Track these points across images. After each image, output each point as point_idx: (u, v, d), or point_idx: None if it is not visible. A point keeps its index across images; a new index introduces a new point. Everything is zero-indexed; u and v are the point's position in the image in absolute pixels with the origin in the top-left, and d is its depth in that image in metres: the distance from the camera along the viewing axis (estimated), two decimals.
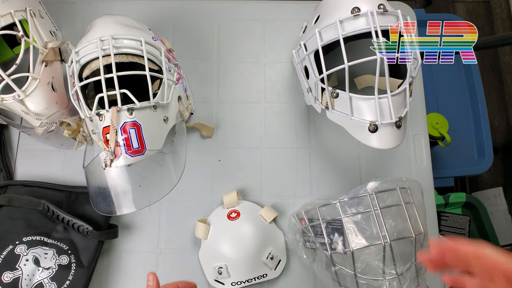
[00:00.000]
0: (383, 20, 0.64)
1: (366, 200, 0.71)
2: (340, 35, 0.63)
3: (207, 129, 0.82)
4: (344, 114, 0.68)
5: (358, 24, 0.64)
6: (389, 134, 0.65)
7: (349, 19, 0.64)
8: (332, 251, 0.73)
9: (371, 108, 0.65)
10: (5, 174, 0.79)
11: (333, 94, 0.68)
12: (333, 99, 0.69)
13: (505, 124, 1.77)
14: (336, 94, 0.68)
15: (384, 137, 0.65)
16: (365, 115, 0.66)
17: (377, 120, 0.64)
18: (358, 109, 0.66)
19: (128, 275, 0.77)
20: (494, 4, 1.91)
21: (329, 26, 0.65)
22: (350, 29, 0.64)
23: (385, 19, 0.65)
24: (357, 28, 0.63)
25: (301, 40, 0.72)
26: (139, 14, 0.82)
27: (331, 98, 0.69)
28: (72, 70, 0.64)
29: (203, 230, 0.75)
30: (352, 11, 0.64)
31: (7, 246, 0.70)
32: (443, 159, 1.36)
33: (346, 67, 0.63)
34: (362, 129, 0.66)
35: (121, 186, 0.66)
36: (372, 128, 0.65)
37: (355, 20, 0.64)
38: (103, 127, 0.63)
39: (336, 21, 0.64)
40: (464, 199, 1.40)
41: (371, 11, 0.63)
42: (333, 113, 0.70)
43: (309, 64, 0.71)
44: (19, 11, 0.70)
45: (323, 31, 0.66)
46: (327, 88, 0.68)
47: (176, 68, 0.74)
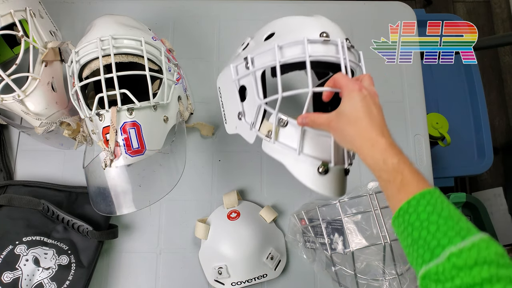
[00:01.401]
0: (349, 55, 0.57)
1: (366, 200, 0.71)
2: (307, 56, 0.54)
3: (207, 129, 0.82)
4: (290, 148, 0.56)
5: (327, 50, 0.55)
6: (339, 180, 0.56)
7: (317, 41, 0.55)
8: (332, 251, 0.73)
9: (325, 147, 0.55)
10: (5, 174, 0.79)
11: (281, 122, 0.57)
12: (280, 128, 0.57)
13: (505, 124, 1.77)
14: (286, 123, 0.56)
15: (334, 183, 0.56)
16: (317, 153, 0.55)
17: (330, 160, 0.55)
18: (309, 145, 0.56)
19: (128, 275, 0.77)
20: (494, 4, 1.91)
21: (294, 43, 0.55)
22: (319, 53, 0.55)
23: (350, 54, 0.58)
24: (327, 55, 0.55)
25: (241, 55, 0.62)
26: (139, 14, 0.82)
27: (277, 126, 0.57)
28: (72, 70, 0.64)
29: (203, 230, 0.75)
30: (321, 35, 0.55)
31: (7, 246, 0.70)
32: (443, 159, 1.35)
33: (310, 92, 0.53)
34: (308, 169, 0.56)
35: (121, 186, 0.66)
36: (323, 170, 0.55)
37: (324, 45, 0.56)
38: (103, 127, 0.62)
39: (304, 39, 0.54)
40: (464, 199, 1.39)
41: (341, 41, 0.55)
42: (273, 145, 0.58)
43: (252, 82, 0.58)
44: (19, 11, 0.70)
45: (285, 48, 0.56)
46: (276, 114, 0.56)
47: (176, 68, 0.74)
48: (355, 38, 0.92)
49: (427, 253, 0.44)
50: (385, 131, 0.49)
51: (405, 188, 0.46)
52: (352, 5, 0.95)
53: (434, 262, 0.43)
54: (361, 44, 0.91)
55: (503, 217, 1.54)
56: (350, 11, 0.94)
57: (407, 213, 0.46)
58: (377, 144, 0.48)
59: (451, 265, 0.41)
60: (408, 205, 0.46)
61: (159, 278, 0.77)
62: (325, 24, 0.58)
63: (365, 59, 0.89)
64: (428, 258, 0.44)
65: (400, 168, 0.46)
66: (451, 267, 0.41)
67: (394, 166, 0.47)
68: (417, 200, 0.45)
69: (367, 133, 0.49)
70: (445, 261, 0.42)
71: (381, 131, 0.48)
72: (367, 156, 0.49)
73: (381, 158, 0.47)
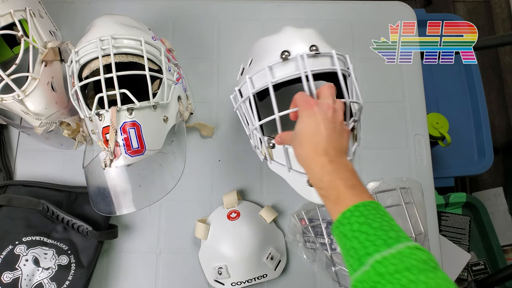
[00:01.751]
0: (315, 63, 0.59)
1: None
2: (270, 84, 0.58)
3: (207, 129, 0.82)
4: (282, 166, 0.62)
5: (287, 70, 0.59)
6: None
7: (278, 64, 0.59)
8: (332, 251, 0.73)
9: None
10: (5, 174, 0.79)
11: (269, 144, 0.63)
12: (270, 149, 0.64)
13: (505, 124, 1.77)
14: (273, 145, 0.62)
15: None
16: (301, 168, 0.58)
17: None
18: (295, 161, 0.59)
19: (128, 275, 0.77)
20: (494, 4, 1.91)
21: (259, 72, 0.60)
22: (280, 76, 0.59)
23: (317, 62, 0.59)
24: (287, 74, 0.58)
25: (237, 85, 0.67)
26: (139, 14, 0.82)
27: (268, 148, 0.64)
28: (71, 70, 0.64)
29: (203, 230, 0.75)
30: (282, 55, 0.59)
31: (7, 246, 0.70)
32: (443, 159, 1.36)
33: (277, 117, 0.57)
34: (301, 181, 0.61)
35: (121, 186, 0.66)
36: (310, 183, 0.59)
37: (284, 65, 0.59)
38: (103, 127, 0.62)
39: (265, 67, 0.59)
40: (464, 199, 1.40)
41: (301, 55, 0.58)
42: (272, 164, 0.65)
43: (245, 111, 0.65)
44: (19, 11, 0.70)
45: (254, 78, 0.61)
46: (263, 139, 0.63)
47: (176, 68, 0.74)
48: (355, 38, 0.92)
49: (356, 262, 0.45)
50: (329, 148, 0.51)
51: (341, 202, 0.48)
52: (352, 5, 0.95)
53: (361, 270, 0.44)
54: (361, 44, 0.91)
55: (503, 217, 1.54)
56: (350, 11, 0.94)
57: (342, 224, 0.47)
58: (316, 163, 0.51)
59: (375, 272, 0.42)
60: (343, 217, 0.47)
61: (159, 278, 0.77)
62: (289, 40, 0.61)
63: (365, 59, 0.90)
64: (357, 267, 0.45)
65: (335, 184, 0.49)
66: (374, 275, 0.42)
67: (329, 183, 0.50)
68: (351, 212, 0.47)
69: (310, 153, 0.52)
70: (370, 268, 0.43)
71: (322, 150, 0.51)
72: (309, 175, 0.53)
73: (318, 176, 0.51)
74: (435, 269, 0.41)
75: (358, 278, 0.44)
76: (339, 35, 0.92)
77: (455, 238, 1.36)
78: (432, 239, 0.77)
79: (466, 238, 1.36)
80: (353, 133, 0.62)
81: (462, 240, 1.36)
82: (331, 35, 0.91)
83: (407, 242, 0.43)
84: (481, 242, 1.41)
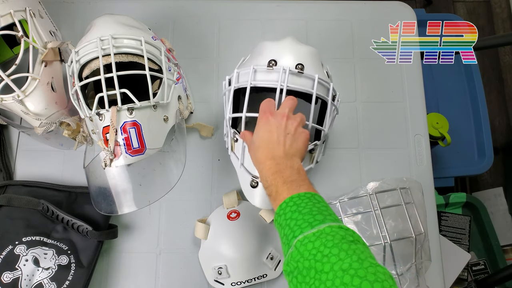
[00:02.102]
0: (295, 81, 0.62)
1: (366, 200, 0.71)
2: (248, 85, 0.63)
3: (206, 129, 0.82)
4: (237, 159, 0.67)
5: (269, 77, 0.63)
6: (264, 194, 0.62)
7: (263, 70, 0.63)
8: None
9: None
10: (5, 174, 0.79)
11: (234, 137, 0.68)
12: (234, 142, 0.68)
13: (505, 124, 1.77)
14: (236, 139, 0.67)
15: (260, 196, 0.65)
16: (251, 169, 0.65)
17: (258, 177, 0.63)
18: (248, 160, 0.64)
19: (128, 275, 0.77)
20: (494, 4, 1.91)
21: (246, 71, 0.65)
22: (260, 80, 0.64)
23: (297, 80, 0.63)
24: (267, 82, 0.63)
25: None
26: (139, 14, 0.82)
27: (232, 139, 0.68)
28: (72, 69, 0.64)
29: (203, 230, 0.75)
30: (269, 63, 0.63)
31: (7, 246, 0.70)
32: (443, 159, 1.36)
33: (243, 116, 0.63)
34: (246, 180, 0.66)
35: (122, 186, 0.66)
36: (254, 184, 0.65)
37: (268, 73, 0.63)
38: (103, 126, 0.62)
39: (251, 68, 0.63)
40: (464, 199, 1.40)
41: (284, 69, 0.61)
42: (231, 155, 0.69)
43: (226, 99, 0.69)
44: (19, 11, 0.70)
45: (241, 73, 0.66)
46: (230, 130, 0.68)
47: (176, 68, 0.74)
48: (355, 38, 0.92)
49: (286, 247, 0.47)
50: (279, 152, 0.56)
51: (279, 197, 0.52)
52: (352, 5, 0.95)
53: (288, 252, 0.46)
54: (361, 44, 0.91)
55: (503, 217, 1.54)
56: (350, 11, 0.94)
57: (279, 216, 0.51)
58: (264, 166, 0.56)
59: (297, 252, 0.44)
60: (279, 208, 0.52)
61: (159, 278, 0.77)
62: (281, 51, 0.64)
63: (365, 59, 0.90)
64: (286, 251, 0.47)
65: (275, 181, 0.54)
66: (296, 254, 0.44)
67: (270, 181, 0.54)
68: (286, 203, 0.51)
69: (262, 158, 0.57)
70: (294, 249, 0.45)
71: (272, 154, 0.56)
72: (260, 177, 0.57)
73: (265, 177, 0.55)
74: (352, 242, 0.43)
75: (285, 261, 0.46)
76: (339, 35, 0.92)
77: (455, 238, 1.36)
78: (432, 239, 0.77)
79: (466, 238, 1.36)
80: (311, 155, 0.67)
81: (462, 240, 1.36)
82: (331, 35, 0.92)
83: (331, 223, 0.46)
84: (481, 242, 1.41)
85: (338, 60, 0.90)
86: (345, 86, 0.87)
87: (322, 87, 0.64)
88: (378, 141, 0.85)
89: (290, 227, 0.48)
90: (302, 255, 0.43)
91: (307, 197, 0.50)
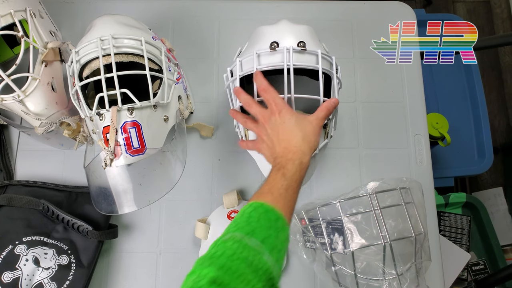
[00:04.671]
0: (300, 58, 0.63)
1: (366, 200, 0.71)
2: (254, 69, 0.63)
3: (206, 129, 0.82)
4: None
5: (273, 60, 0.63)
6: None
7: (266, 53, 0.64)
8: (332, 251, 0.73)
9: None
10: (5, 174, 0.79)
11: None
12: (247, 130, 0.70)
13: (505, 124, 1.77)
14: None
15: None
16: None
17: None
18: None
19: (128, 275, 0.77)
20: (494, 4, 1.92)
21: (249, 57, 0.65)
22: (265, 63, 0.63)
23: (302, 57, 0.63)
24: (272, 64, 0.63)
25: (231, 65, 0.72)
26: (139, 14, 0.82)
27: (245, 129, 0.70)
28: (72, 69, 0.64)
29: (203, 230, 0.75)
30: (271, 46, 0.63)
31: (7, 246, 0.70)
32: (443, 159, 1.36)
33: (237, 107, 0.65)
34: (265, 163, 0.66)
35: (122, 185, 0.66)
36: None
37: (271, 55, 0.63)
38: (103, 126, 0.63)
39: (254, 53, 0.63)
40: (464, 199, 1.40)
41: (287, 48, 0.62)
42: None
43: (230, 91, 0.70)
44: (19, 11, 0.70)
45: (244, 61, 0.66)
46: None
47: (176, 68, 0.74)
48: (355, 38, 0.92)
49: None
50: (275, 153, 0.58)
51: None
52: (352, 5, 0.95)
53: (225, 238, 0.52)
54: (361, 44, 0.91)
55: (503, 217, 1.54)
56: (350, 11, 0.94)
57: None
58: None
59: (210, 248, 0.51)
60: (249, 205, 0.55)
61: (159, 278, 0.77)
62: (281, 32, 0.65)
63: (365, 59, 0.90)
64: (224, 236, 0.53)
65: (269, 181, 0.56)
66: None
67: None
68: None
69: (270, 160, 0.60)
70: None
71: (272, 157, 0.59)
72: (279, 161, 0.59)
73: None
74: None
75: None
76: (339, 35, 0.92)
77: (455, 238, 1.36)
78: (432, 239, 0.77)
79: (466, 238, 1.36)
80: (325, 130, 0.68)
81: (462, 240, 1.36)
82: (331, 35, 0.92)
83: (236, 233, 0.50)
84: (481, 242, 1.41)
85: (338, 60, 0.89)
86: (345, 86, 0.87)
87: (326, 62, 0.65)
88: (378, 141, 0.85)
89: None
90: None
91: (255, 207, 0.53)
